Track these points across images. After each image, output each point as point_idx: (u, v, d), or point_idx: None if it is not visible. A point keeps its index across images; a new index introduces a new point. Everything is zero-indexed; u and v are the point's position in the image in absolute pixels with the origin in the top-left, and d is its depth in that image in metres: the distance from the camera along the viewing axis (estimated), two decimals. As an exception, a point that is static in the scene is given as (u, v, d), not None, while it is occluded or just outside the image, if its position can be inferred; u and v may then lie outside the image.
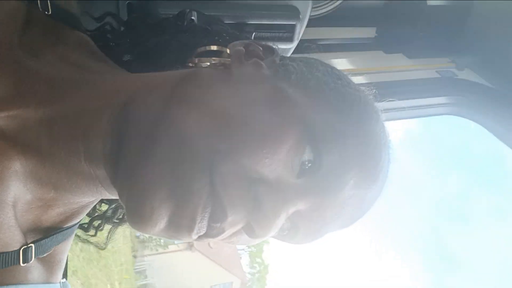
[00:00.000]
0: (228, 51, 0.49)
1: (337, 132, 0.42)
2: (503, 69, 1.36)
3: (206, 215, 0.38)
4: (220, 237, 0.40)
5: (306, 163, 0.41)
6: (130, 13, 0.79)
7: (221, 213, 0.38)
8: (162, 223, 0.37)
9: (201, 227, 0.38)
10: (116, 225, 0.61)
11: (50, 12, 0.48)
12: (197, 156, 0.38)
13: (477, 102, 1.37)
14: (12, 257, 0.42)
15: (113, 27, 0.63)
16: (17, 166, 0.42)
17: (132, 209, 0.38)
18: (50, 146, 0.42)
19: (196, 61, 0.49)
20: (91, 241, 0.60)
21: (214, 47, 0.51)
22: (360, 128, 0.44)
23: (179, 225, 0.38)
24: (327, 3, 1.39)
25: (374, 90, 0.52)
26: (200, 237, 0.40)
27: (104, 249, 0.62)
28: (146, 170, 0.38)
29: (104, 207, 0.61)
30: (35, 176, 0.43)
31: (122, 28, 0.64)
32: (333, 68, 0.51)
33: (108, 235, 0.61)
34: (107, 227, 0.62)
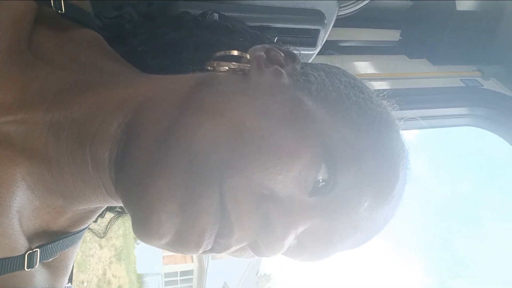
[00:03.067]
0: (248, 56, 0.47)
1: (355, 152, 0.40)
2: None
3: (214, 232, 0.37)
4: (225, 253, 0.40)
5: (320, 181, 0.40)
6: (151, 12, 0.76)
7: (228, 230, 0.37)
8: (168, 237, 0.36)
9: (208, 243, 0.37)
10: (118, 214, 0.59)
11: (63, 11, 0.46)
12: (208, 170, 0.37)
13: (502, 114, 1.32)
14: (17, 262, 0.41)
15: (132, 16, 0.61)
16: (23, 173, 0.41)
17: (138, 220, 0.37)
18: (57, 153, 0.41)
19: (215, 65, 0.46)
20: (91, 228, 0.58)
21: (234, 52, 0.48)
22: (379, 148, 0.42)
23: (187, 240, 0.37)
24: (353, 3, 1.34)
25: (396, 106, 0.50)
26: (205, 252, 0.39)
27: (102, 237, 0.60)
28: (156, 181, 0.36)
29: None
30: (43, 183, 0.42)
31: (140, 19, 0.61)
32: (356, 79, 0.49)
33: (108, 224, 0.60)
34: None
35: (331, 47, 1.39)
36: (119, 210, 0.59)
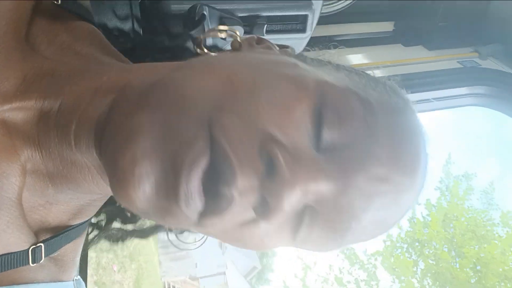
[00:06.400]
0: (239, 39, 0.48)
1: (362, 103, 0.37)
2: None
3: (199, 170, 0.31)
4: (227, 218, 0.34)
5: (325, 135, 0.35)
6: (143, 10, 0.80)
7: (229, 172, 0.32)
8: (146, 184, 0.32)
9: (194, 188, 0.31)
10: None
11: (59, 2, 0.47)
12: (196, 110, 0.33)
13: (504, 91, 1.32)
14: (21, 257, 0.40)
15: (134, 29, 0.62)
16: (21, 161, 0.40)
17: (112, 163, 0.33)
18: (46, 138, 0.40)
19: (205, 51, 0.48)
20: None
21: (223, 27, 0.49)
22: (390, 104, 0.39)
23: (167, 184, 0.32)
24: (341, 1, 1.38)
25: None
26: (204, 215, 0.33)
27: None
28: (133, 118, 0.33)
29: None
30: (36, 172, 0.42)
31: (141, 34, 0.63)
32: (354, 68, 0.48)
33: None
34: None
35: (326, 43, 1.42)
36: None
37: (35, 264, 0.41)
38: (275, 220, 0.34)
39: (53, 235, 0.44)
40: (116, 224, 0.59)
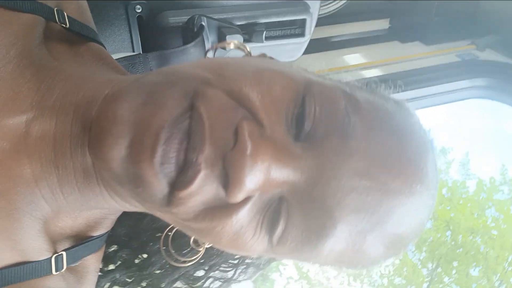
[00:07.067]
0: (246, 47, 0.51)
1: (348, 96, 0.37)
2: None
3: (168, 131, 0.32)
4: (196, 197, 0.33)
5: (305, 127, 0.35)
6: (140, 25, 0.80)
7: (199, 139, 0.32)
8: (122, 144, 0.32)
9: (167, 154, 0.32)
10: None
11: (67, 26, 0.49)
12: (184, 83, 0.35)
13: (505, 82, 1.32)
14: (45, 265, 0.41)
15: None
16: (38, 171, 0.40)
17: (95, 122, 0.36)
18: (61, 144, 0.41)
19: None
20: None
21: (232, 41, 0.52)
22: (382, 105, 0.39)
23: (140, 146, 0.32)
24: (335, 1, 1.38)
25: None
26: (173, 187, 0.33)
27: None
28: (123, 88, 0.36)
29: None
30: (52, 183, 0.42)
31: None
32: None
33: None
34: None
35: (324, 44, 1.43)
36: None
37: (57, 274, 0.42)
38: (236, 196, 0.32)
39: (74, 245, 0.44)
40: None
